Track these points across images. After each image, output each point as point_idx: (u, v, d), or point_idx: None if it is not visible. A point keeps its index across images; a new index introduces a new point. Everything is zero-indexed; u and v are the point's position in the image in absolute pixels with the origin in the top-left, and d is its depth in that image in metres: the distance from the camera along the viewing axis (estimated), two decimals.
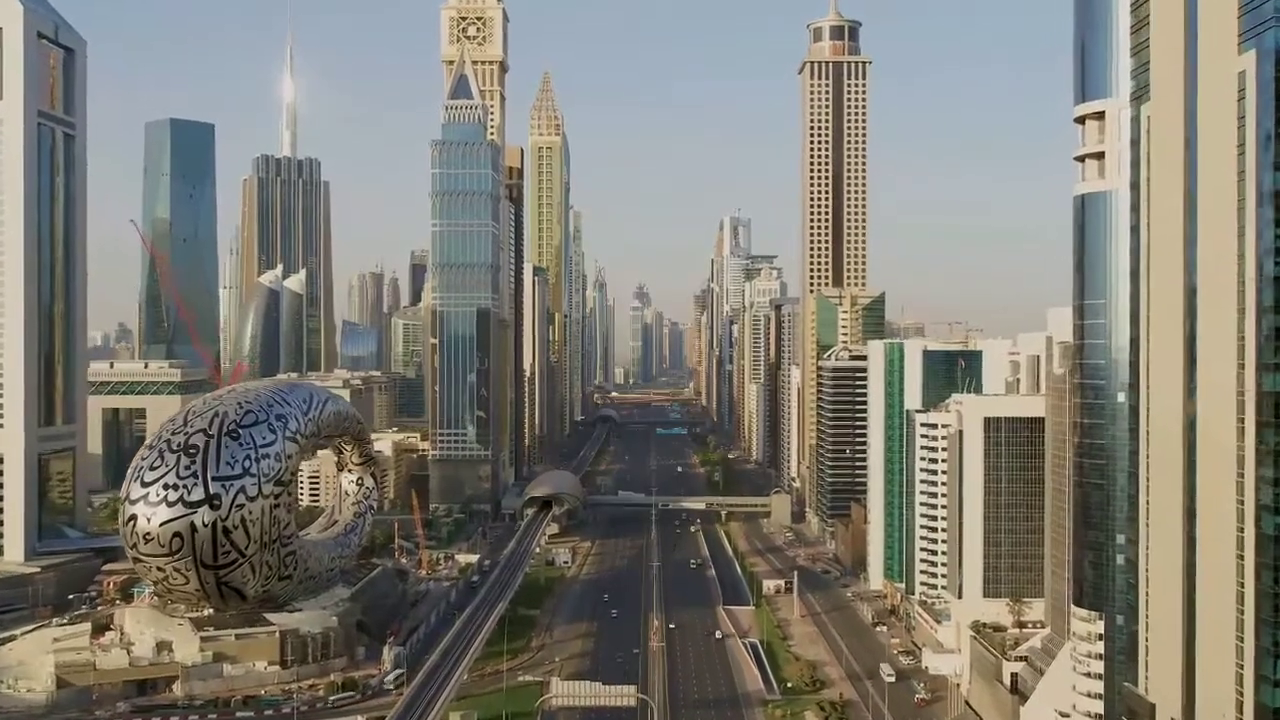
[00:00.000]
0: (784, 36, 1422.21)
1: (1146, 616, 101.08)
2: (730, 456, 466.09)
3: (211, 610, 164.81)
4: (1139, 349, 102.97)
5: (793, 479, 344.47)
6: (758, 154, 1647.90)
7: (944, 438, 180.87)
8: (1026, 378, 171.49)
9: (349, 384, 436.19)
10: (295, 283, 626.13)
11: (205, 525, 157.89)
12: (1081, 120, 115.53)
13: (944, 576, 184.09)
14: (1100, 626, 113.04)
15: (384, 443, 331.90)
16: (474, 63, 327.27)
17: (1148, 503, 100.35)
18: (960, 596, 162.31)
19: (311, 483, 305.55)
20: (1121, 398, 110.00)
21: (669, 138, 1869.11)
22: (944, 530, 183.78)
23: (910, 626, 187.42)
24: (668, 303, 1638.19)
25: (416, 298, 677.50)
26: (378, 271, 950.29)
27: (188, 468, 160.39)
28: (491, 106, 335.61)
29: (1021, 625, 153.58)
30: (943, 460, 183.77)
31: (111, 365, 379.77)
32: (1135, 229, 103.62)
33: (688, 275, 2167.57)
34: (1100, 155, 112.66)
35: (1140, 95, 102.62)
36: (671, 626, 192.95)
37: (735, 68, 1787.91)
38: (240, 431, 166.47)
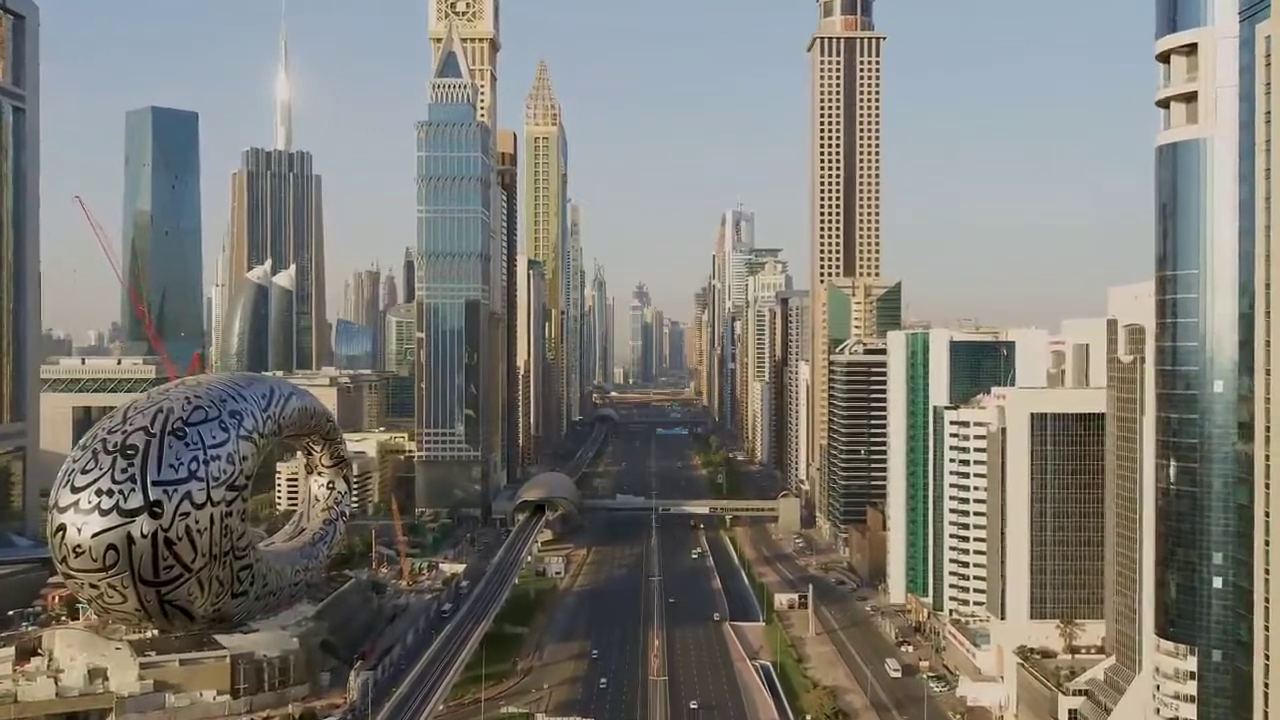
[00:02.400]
0: (788, 24, 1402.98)
1: (1266, 654, 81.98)
2: (733, 457, 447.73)
3: (155, 631, 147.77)
4: (1252, 326, 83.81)
5: (801, 481, 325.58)
6: (760, 148, 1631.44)
7: (979, 436, 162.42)
8: (1073, 369, 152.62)
9: (336, 382, 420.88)
10: (285, 279, 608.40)
11: (144, 536, 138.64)
12: (1165, 57, 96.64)
13: (978, 592, 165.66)
14: (1192, 663, 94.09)
15: (368, 443, 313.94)
16: (463, 40, 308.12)
17: (1268, 514, 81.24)
18: (1003, 617, 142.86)
19: (290, 486, 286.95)
20: (1219, 386, 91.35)
21: (668, 135, 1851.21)
22: (977, 540, 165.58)
23: (940, 647, 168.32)
24: (668, 302, 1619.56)
25: (412, 295, 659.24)
26: (374, 270, 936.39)
27: (124, 471, 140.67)
28: (482, 87, 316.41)
29: (1074, 651, 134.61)
30: (976, 462, 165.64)
31: (83, 361, 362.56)
32: (1247, 178, 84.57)
33: (688, 275, 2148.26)
34: (1191, 96, 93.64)
35: (1254, 12, 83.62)
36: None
37: (737, 57, 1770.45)
38: (187, 430, 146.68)
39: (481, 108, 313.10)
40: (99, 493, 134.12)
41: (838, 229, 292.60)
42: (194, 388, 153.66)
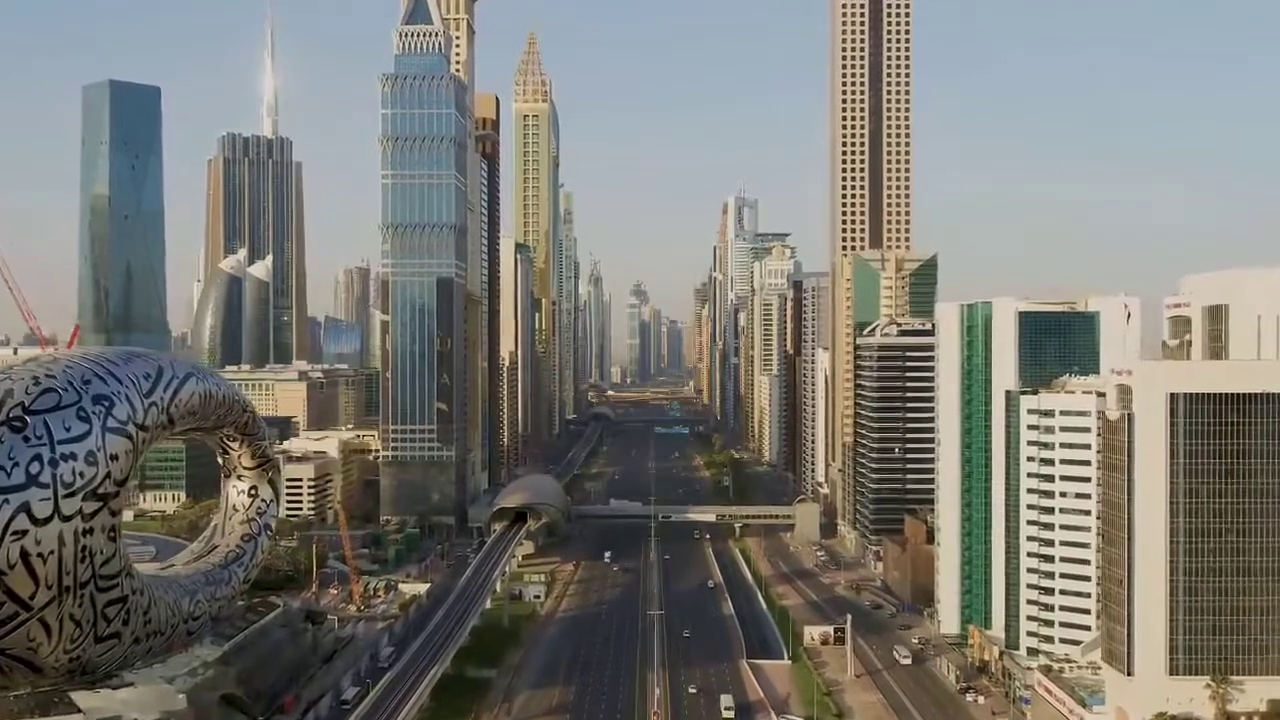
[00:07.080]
0: (787, 8, 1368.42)
1: None
2: (739, 458, 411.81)
3: None
4: None
5: (819, 484, 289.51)
6: (760, 139, 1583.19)
7: (1070, 429, 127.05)
8: (1204, 338, 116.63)
9: (306, 377, 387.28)
10: (261, 269, 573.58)
11: None
12: None
13: (1066, 627, 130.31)
14: None
15: (329, 442, 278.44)
16: None
17: None
18: (1129, 671, 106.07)
19: None
20: None
21: (667, 132, 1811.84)
22: (1065, 560, 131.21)
23: (1016, 696, 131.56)
24: (666, 301, 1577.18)
25: None
26: (364, 266, 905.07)
27: None
28: (457, 38, 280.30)
29: (1230, 718, 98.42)
30: (1064, 461, 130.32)
31: (15, 352, 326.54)
32: None
33: (686, 274, 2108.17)
34: None
35: None
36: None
37: (735, 47, 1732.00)
38: (28, 419, 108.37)
39: (457, 62, 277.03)
40: None
41: (862, 194, 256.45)
42: (47, 365, 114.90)
